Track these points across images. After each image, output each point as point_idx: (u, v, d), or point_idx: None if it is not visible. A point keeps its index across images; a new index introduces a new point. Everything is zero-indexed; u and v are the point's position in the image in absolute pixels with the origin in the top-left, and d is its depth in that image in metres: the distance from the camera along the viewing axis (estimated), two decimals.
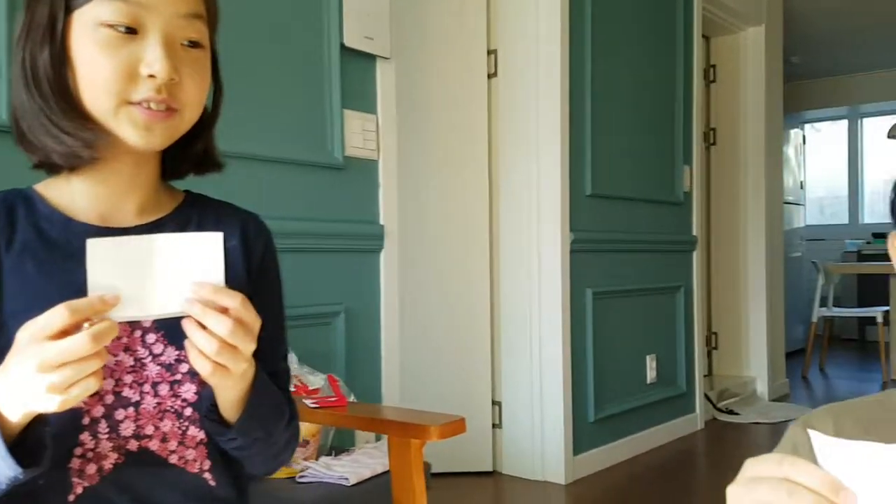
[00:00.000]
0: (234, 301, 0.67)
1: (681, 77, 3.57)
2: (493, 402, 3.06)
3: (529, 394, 2.98)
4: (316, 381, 1.55)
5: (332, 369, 1.93)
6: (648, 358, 3.43)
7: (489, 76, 2.98)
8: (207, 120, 0.84)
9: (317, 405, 1.40)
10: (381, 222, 2.20)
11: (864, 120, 7.15)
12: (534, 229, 2.95)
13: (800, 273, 5.99)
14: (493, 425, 3.06)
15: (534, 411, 2.97)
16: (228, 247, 0.71)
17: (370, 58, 2.19)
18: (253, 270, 0.86)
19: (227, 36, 0.86)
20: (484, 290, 3.03)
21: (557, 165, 2.89)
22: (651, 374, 3.44)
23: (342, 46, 2.09)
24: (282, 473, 1.62)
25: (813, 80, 6.51)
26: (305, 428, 1.67)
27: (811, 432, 0.53)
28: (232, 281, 0.69)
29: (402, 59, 2.58)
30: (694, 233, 3.74)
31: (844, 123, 7.26)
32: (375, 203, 2.19)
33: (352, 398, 1.70)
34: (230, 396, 0.75)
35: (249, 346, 0.68)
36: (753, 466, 0.54)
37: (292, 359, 1.63)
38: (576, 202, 2.99)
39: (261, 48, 1.96)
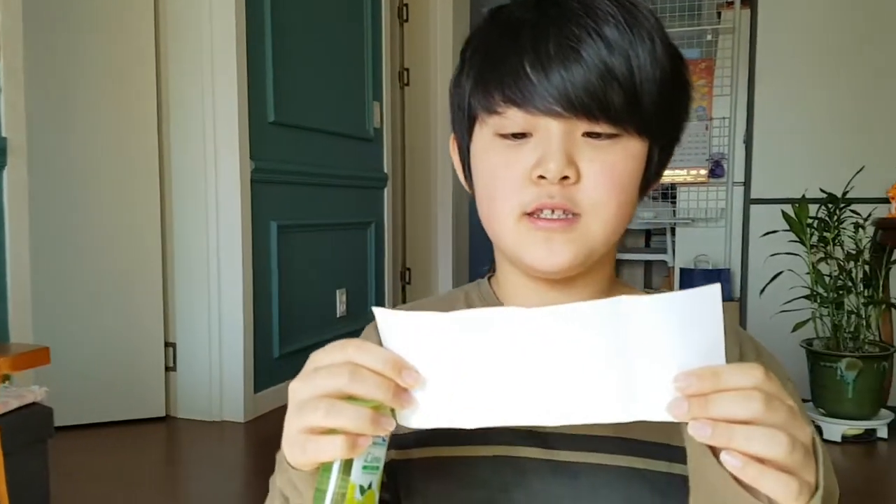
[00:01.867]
0: None
1: (369, 12, 3.55)
2: (167, 344, 2.85)
3: (207, 333, 2.82)
4: None
5: None
6: (339, 292, 3.44)
7: None
8: None
9: None
10: (3, 134, 1.86)
11: None
12: (210, 155, 2.75)
13: None
14: (167, 368, 2.85)
15: (212, 350, 2.82)
16: None
17: None
18: None
19: None
20: (153, 221, 2.77)
21: (234, 87, 2.70)
22: (341, 308, 3.46)
23: None
24: None
25: None
26: None
27: (375, 309, 0.48)
28: None
29: None
30: (385, 170, 3.79)
31: None
32: None
33: None
34: None
35: None
36: (317, 356, 0.49)
37: None
38: (257, 129, 2.84)
39: None
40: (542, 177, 0.57)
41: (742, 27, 3.24)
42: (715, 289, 0.44)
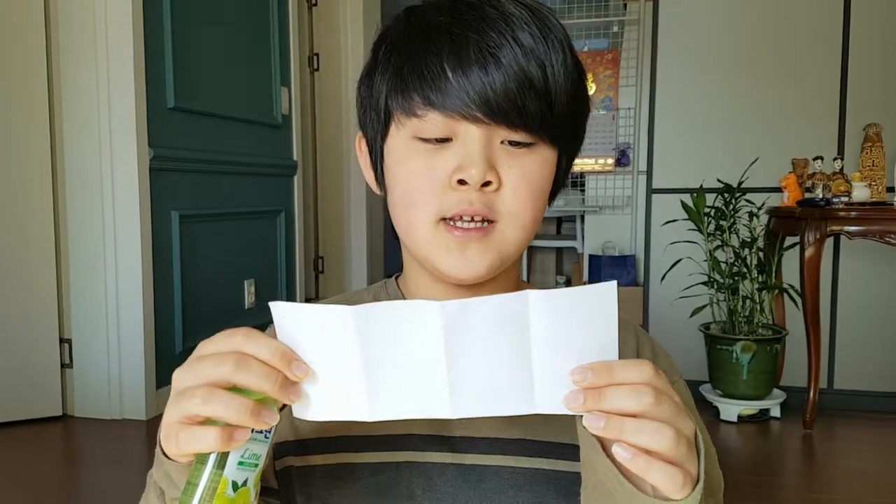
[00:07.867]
0: None
1: None
2: (62, 340, 2.71)
3: (105, 328, 2.70)
4: None
5: None
6: (246, 283, 3.35)
7: None
8: None
9: None
10: None
11: None
12: (105, 142, 2.62)
13: None
14: (63, 365, 2.72)
15: (110, 346, 2.70)
16: None
17: None
18: None
19: None
20: (45, 212, 2.62)
21: (131, 70, 2.58)
22: (249, 300, 3.37)
23: None
24: None
25: None
26: None
27: (271, 303, 0.47)
28: None
29: None
30: (294, 157, 3.71)
31: None
32: None
33: None
34: None
35: None
36: (204, 345, 0.48)
37: None
38: (156, 115, 2.72)
39: None
40: (462, 182, 0.57)
41: (647, 19, 3.32)
42: (611, 286, 0.45)
